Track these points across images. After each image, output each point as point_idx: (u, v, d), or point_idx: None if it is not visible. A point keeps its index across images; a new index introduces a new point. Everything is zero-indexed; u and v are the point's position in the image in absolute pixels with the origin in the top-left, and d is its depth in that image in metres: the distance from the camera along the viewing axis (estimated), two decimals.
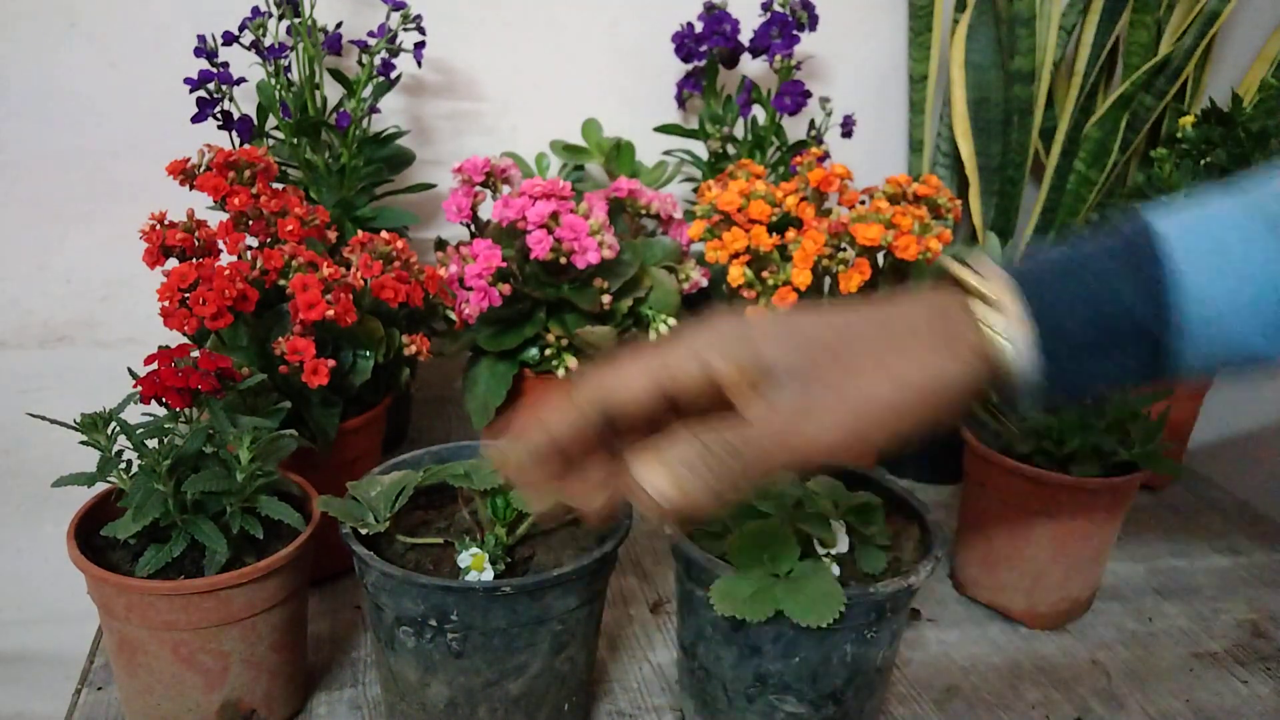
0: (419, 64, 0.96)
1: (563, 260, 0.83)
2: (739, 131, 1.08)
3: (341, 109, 0.96)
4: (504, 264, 0.82)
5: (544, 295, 0.86)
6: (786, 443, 0.39)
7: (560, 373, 0.87)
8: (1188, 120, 0.92)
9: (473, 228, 0.92)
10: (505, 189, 0.91)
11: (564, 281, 0.87)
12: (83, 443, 0.58)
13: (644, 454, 0.39)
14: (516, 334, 0.87)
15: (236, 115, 0.93)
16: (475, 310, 0.82)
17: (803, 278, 0.78)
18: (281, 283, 0.71)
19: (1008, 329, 0.39)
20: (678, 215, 0.96)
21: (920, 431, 0.39)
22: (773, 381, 0.39)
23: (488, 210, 0.88)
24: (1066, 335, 0.39)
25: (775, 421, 0.38)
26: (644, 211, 0.95)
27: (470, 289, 0.82)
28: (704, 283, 0.93)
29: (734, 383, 0.39)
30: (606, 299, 0.86)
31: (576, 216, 0.82)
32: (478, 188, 0.90)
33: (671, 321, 0.89)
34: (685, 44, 1.05)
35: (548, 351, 0.87)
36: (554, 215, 0.82)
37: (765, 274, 0.80)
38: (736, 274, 0.80)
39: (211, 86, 0.90)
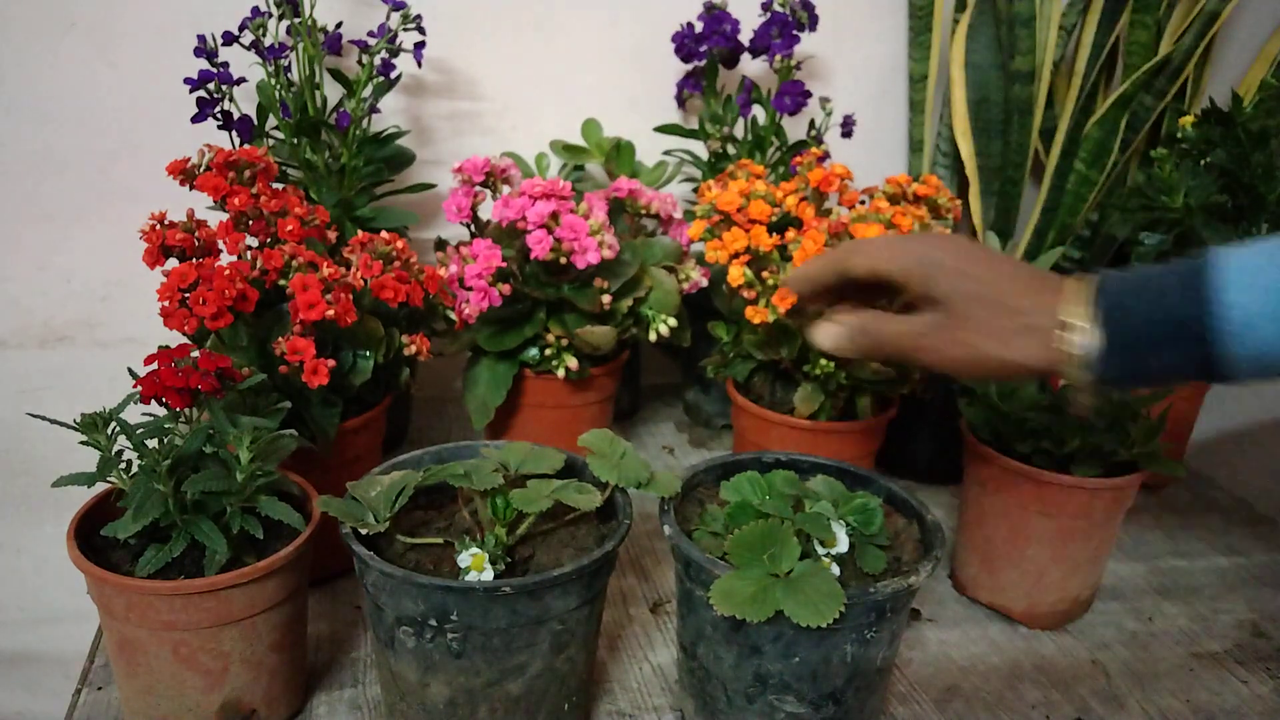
0: (419, 64, 0.96)
1: (563, 260, 0.83)
2: (739, 131, 1.08)
3: (341, 109, 0.96)
4: (504, 264, 0.82)
5: (544, 295, 0.86)
6: (910, 348, 0.55)
7: (560, 373, 0.87)
8: (1188, 120, 0.92)
9: (472, 228, 0.91)
10: (505, 189, 0.91)
11: (564, 281, 0.87)
12: (83, 443, 0.58)
13: (824, 320, 0.58)
14: (516, 334, 0.87)
15: (236, 115, 0.93)
16: (475, 310, 0.82)
17: None
18: (281, 283, 0.71)
19: (1084, 338, 0.49)
20: (678, 215, 0.96)
21: (1004, 380, 0.58)
22: (929, 303, 0.54)
23: (487, 210, 0.88)
24: (1125, 323, 0.48)
25: (912, 332, 0.54)
26: (644, 211, 0.95)
27: (470, 289, 0.82)
28: (704, 282, 0.93)
29: (908, 287, 0.55)
30: (606, 299, 0.86)
31: (576, 216, 0.82)
32: (478, 188, 0.90)
33: (672, 322, 0.89)
34: (685, 44, 1.05)
35: (548, 351, 0.87)
36: (554, 215, 0.82)
37: (765, 274, 0.80)
38: (736, 274, 0.80)
39: (211, 86, 0.90)
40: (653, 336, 0.90)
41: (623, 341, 0.92)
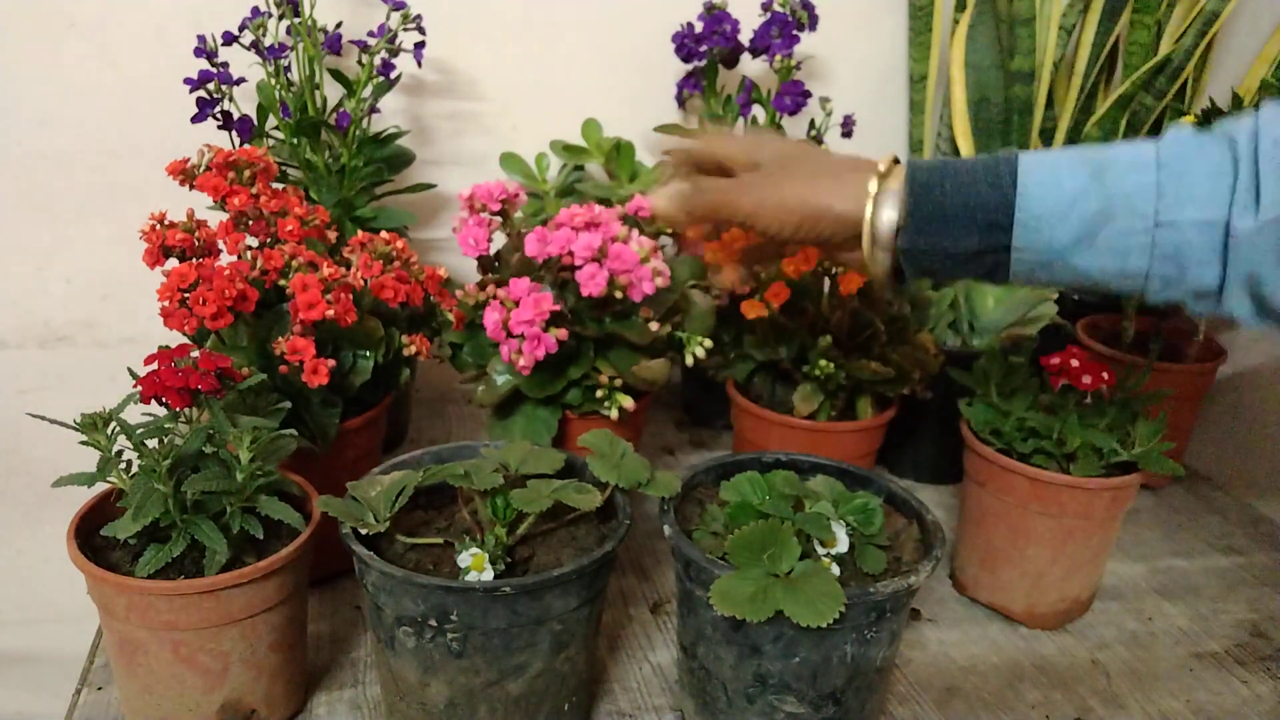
0: (419, 64, 0.96)
1: (617, 294, 0.77)
2: (739, 131, 1.08)
3: (341, 109, 0.96)
4: (556, 307, 0.75)
5: (593, 332, 0.79)
6: (734, 197, 0.60)
7: (614, 414, 0.80)
8: (1188, 120, 0.92)
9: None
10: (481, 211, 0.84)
11: (607, 314, 0.81)
12: (83, 443, 0.58)
13: (660, 188, 0.64)
14: (561, 377, 0.80)
15: (236, 115, 0.93)
16: (531, 360, 0.75)
17: (792, 267, 0.78)
18: (281, 283, 0.71)
19: (891, 206, 0.55)
20: None
21: (813, 237, 0.58)
22: (754, 167, 0.60)
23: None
24: (931, 207, 0.53)
25: (737, 183, 0.60)
26: (666, 230, 0.90)
27: (520, 337, 0.75)
28: (726, 300, 0.89)
29: (735, 163, 0.62)
30: (654, 326, 0.80)
31: (623, 245, 0.76)
32: (492, 216, 0.83)
33: (708, 344, 0.84)
34: (685, 44, 1.05)
35: (599, 393, 0.80)
36: (601, 247, 0.76)
37: (757, 268, 0.80)
38: (730, 274, 0.80)
39: (211, 86, 0.90)
40: (689, 360, 0.84)
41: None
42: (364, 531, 0.59)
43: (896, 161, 0.57)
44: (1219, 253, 0.50)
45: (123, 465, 0.59)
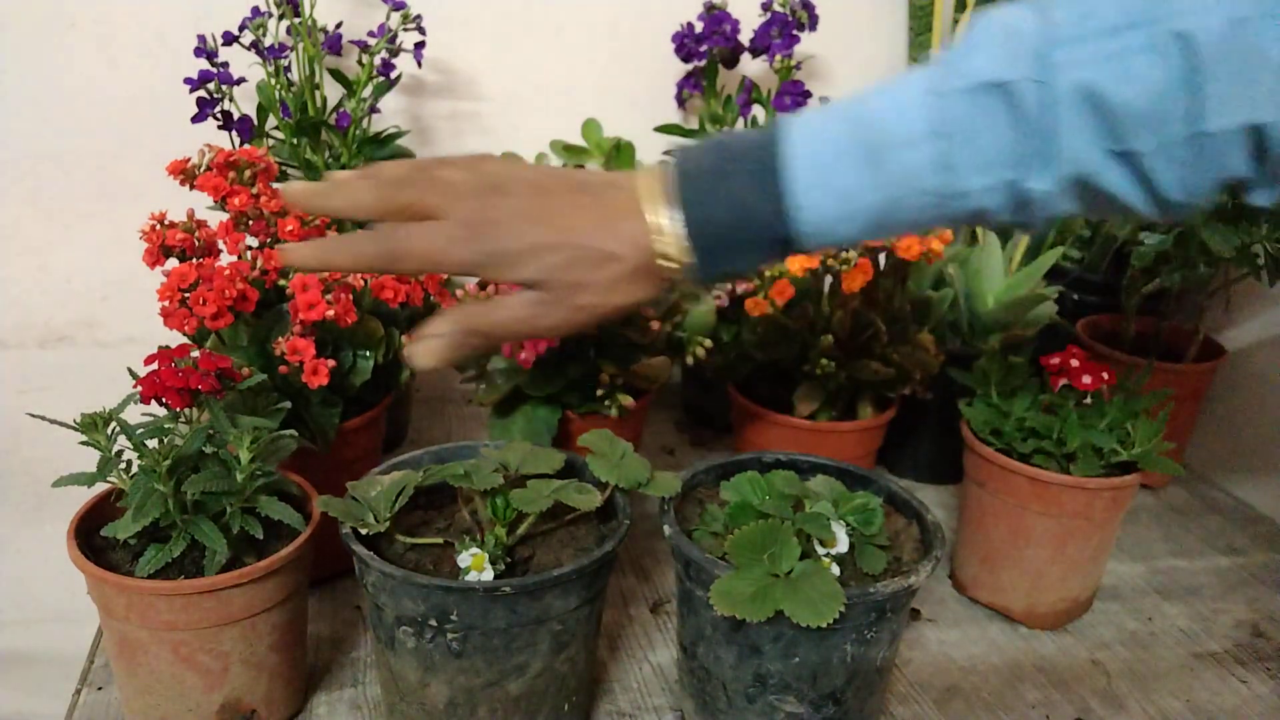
0: (419, 64, 0.96)
1: None
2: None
3: (341, 109, 0.96)
4: None
5: (593, 331, 0.81)
6: (532, 330, 0.51)
7: (614, 412, 0.80)
8: None
9: None
10: None
11: None
12: (83, 443, 0.58)
13: (415, 338, 0.51)
14: (562, 376, 0.80)
15: (236, 115, 0.93)
16: (531, 356, 0.75)
17: (797, 264, 0.78)
18: (281, 283, 0.71)
19: (679, 262, 0.49)
20: None
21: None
22: (524, 285, 0.50)
23: None
24: (714, 240, 0.48)
25: (528, 316, 0.50)
26: None
27: None
28: (726, 301, 0.90)
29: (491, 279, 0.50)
30: (655, 325, 0.81)
31: None
32: None
33: (708, 343, 0.84)
34: (685, 44, 1.05)
35: (600, 391, 0.80)
36: None
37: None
38: None
39: (211, 86, 0.90)
40: (690, 360, 0.85)
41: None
42: (364, 531, 0.59)
43: (660, 172, 0.50)
44: (1014, 210, 0.47)
45: (123, 465, 0.59)
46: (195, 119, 0.91)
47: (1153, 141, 0.43)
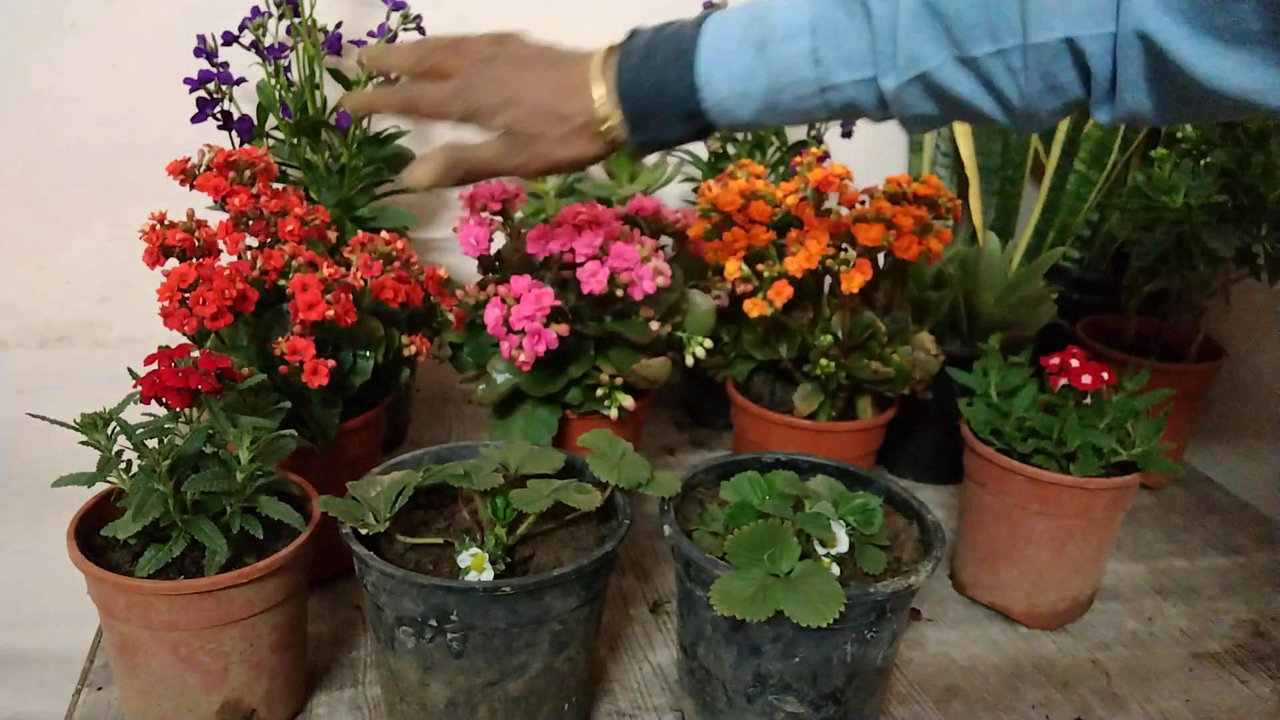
0: None
1: (619, 293, 0.77)
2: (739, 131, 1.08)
3: (341, 109, 0.96)
4: (558, 303, 0.75)
5: (594, 330, 0.79)
6: (501, 168, 0.63)
7: (613, 413, 0.80)
8: None
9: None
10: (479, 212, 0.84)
11: (607, 313, 0.81)
12: (83, 443, 0.58)
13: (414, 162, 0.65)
14: (562, 375, 0.79)
15: (236, 115, 0.93)
16: (531, 356, 0.74)
17: (796, 265, 0.78)
18: (281, 283, 0.71)
19: (615, 127, 0.59)
20: None
21: (579, 169, 0.63)
22: (497, 132, 0.62)
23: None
24: (639, 108, 0.58)
25: (498, 156, 0.62)
26: (667, 229, 0.91)
27: (521, 333, 0.74)
28: (726, 301, 0.89)
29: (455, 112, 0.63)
30: (655, 326, 0.80)
31: (624, 244, 0.77)
32: (493, 216, 0.83)
33: (708, 344, 0.84)
34: None
35: (599, 391, 0.80)
36: (602, 245, 0.76)
37: (760, 267, 0.80)
38: (733, 268, 0.80)
39: (211, 86, 0.90)
40: (689, 360, 0.84)
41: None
42: (364, 531, 0.59)
43: (612, 50, 0.60)
44: (880, 106, 0.54)
45: (123, 465, 0.59)
46: (195, 119, 0.91)
47: (989, 48, 0.49)
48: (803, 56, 0.53)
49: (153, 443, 0.58)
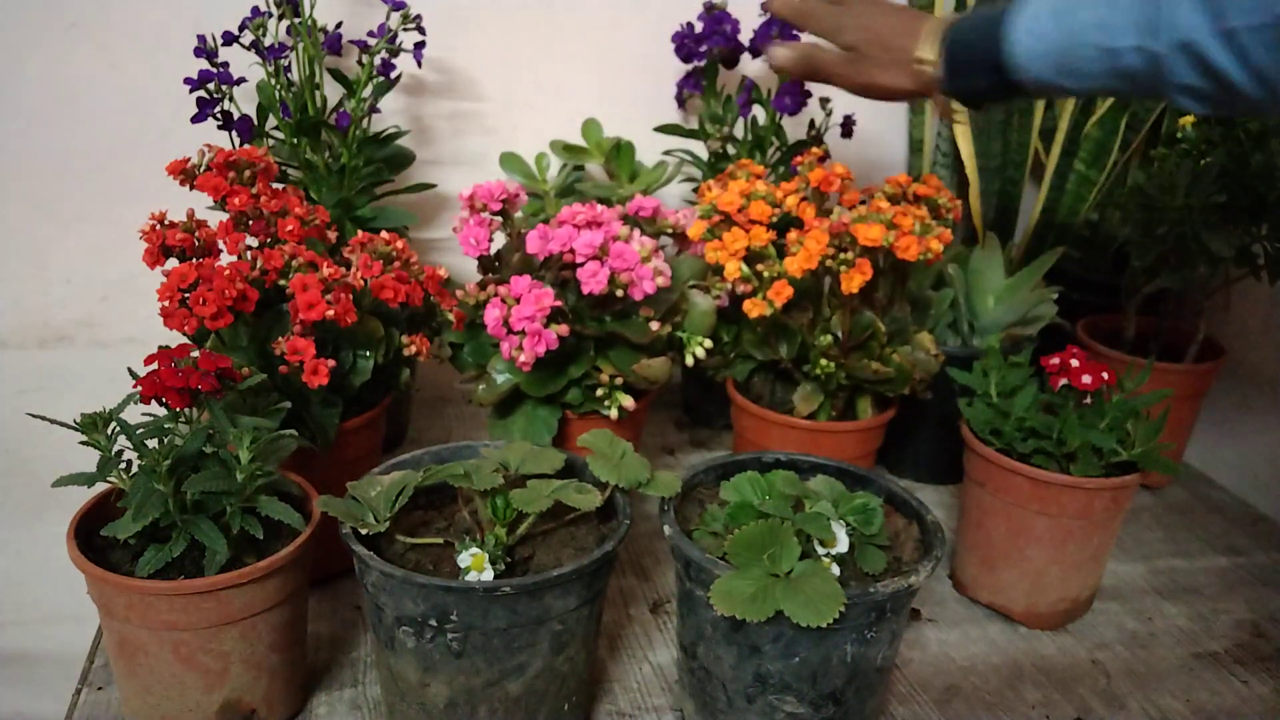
0: (419, 64, 0.96)
1: (619, 293, 0.77)
2: (739, 131, 1.08)
3: (341, 109, 0.96)
4: (558, 303, 0.76)
5: (595, 331, 0.80)
6: (834, 71, 0.74)
7: (613, 413, 0.80)
8: (1188, 120, 0.92)
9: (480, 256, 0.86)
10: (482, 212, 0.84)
11: (607, 313, 0.81)
12: (83, 443, 0.58)
13: (777, 45, 0.77)
14: (562, 375, 0.79)
15: (236, 115, 0.93)
16: (531, 356, 0.75)
17: (795, 266, 0.78)
18: (281, 283, 0.71)
19: (932, 69, 0.69)
20: None
21: (894, 98, 0.74)
22: (849, 48, 0.73)
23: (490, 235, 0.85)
24: (955, 54, 0.68)
25: (837, 60, 0.74)
26: (667, 230, 0.91)
27: (521, 333, 0.74)
28: (726, 301, 0.89)
29: (832, 39, 0.75)
30: (655, 326, 0.80)
31: (624, 244, 0.77)
32: (492, 216, 0.84)
33: (707, 344, 0.84)
34: (685, 44, 1.05)
35: (599, 391, 0.80)
36: (602, 245, 0.76)
37: (760, 267, 0.80)
38: (733, 269, 0.80)
39: (211, 86, 0.90)
40: (689, 360, 0.84)
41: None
42: (364, 531, 0.59)
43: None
44: (1152, 74, 0.58)
45: (123, 465, 0.59)
46: (195, 119, 0.91)
47: (1248, 20, 0.52)
48: (1091, 21, 0.59)
49: (153, 443, 0.58)
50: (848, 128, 1.06)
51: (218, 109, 0.92)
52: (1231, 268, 0.94)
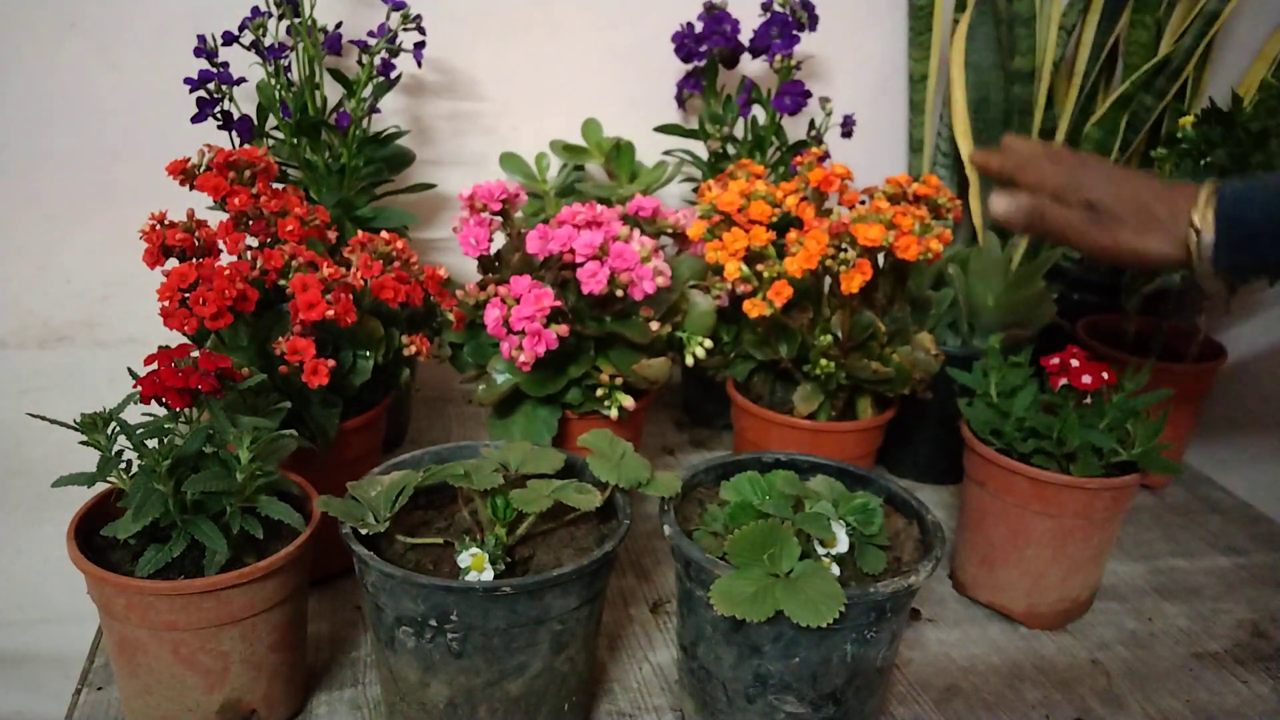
0: (419, 64, 0.96)
1: (619, 293, 0.77)
2: (739, 131, 1.08)
3: (341, 109, 0.96)
4: (558, 303, 0.75)
5: (595, 331, 0.80)
6: (1071, 234, 0.67)
7: (613, 413, 0.80)
8: (1188, 120, 0.92)
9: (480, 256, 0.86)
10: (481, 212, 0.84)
11: (607, 313, 0.81)
12: (83, 443, 0.58)
13: (1000, 192, 0.71)
14: (562, 375, 0.79)
15: (236, 115, 0.93)
16: (531, 356, 0.74)
17: (795, 266, 0.78)
18: (281, 283, 0.71)
19: (1204, 237, 0.62)
20: None
21: (1137, 266, 0.68)
22: (1087, 206, 0.67)
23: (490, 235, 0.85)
24: (1241, 222, 0.62)
25: (1074, 221, 0.67)
26: (667, 230, 0.91)
27: (521, 333, 0.74)
28: (726, 301, 0.89)
29: (1064, 196, 0.68)
30: (655, 326, 0.80)
31: (624, 244, 0.77)
32: (492, 216, 0.84)
33: (708, 344, 0.84)
34: (685, 44, 1.05)
35: (600, 391, 0.80)
36: (602, 245, 0.76)
37: (760, 267, 0.80)
38: (733, 269, 0.80)
39: (211, 86, 0.90)
40: (689, 360, 0.84)
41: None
42: (364, 531, 0.59)
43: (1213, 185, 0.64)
44: None
45: (123, 465, 0.59)
46: (195, 119, 0.91)
47: None
48: None
49: (153, 443, 0.58)
50: (848, 128, 1.06)
51: (218, 109, 0.92)
52: None
